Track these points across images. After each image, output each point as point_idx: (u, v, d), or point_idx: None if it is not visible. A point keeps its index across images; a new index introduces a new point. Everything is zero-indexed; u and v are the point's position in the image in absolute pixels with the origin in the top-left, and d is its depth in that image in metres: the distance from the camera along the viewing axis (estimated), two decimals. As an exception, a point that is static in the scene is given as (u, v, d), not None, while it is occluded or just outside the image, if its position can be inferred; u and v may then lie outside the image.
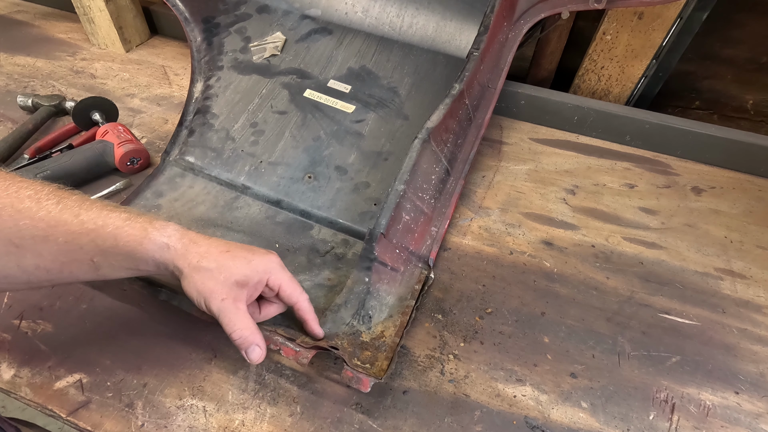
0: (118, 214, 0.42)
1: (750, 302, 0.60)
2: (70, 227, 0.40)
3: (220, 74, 0.77)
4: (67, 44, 1.00)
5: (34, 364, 0.52)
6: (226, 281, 0.43)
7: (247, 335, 0.44)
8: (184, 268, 0.43)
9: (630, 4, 0.68)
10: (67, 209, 0.40)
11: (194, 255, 0.43)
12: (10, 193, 0.38)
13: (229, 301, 0.43)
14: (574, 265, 0.64)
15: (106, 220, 0.41)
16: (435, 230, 0.63)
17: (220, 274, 0.43)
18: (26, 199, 0.39)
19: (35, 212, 0.39)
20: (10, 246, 0.38)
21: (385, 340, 0.52)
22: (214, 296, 0.43)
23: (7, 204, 0.38)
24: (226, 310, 0.43)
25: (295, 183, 0.69)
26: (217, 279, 0.43)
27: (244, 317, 0.44)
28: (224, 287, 0.43)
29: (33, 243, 0.39)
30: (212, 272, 0.43)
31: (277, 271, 0.47)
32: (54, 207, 0.40)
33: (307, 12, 0.82)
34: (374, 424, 0.49)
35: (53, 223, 0.39)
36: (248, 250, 0.46)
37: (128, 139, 0.71)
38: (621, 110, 0.80)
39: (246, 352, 0.44)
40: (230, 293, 0.43)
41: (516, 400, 0.51)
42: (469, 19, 0.76)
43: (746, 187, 0.75)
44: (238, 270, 0.44)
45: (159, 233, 0.43)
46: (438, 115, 0.61)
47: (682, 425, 0.50)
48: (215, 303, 0.43)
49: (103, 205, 0.43)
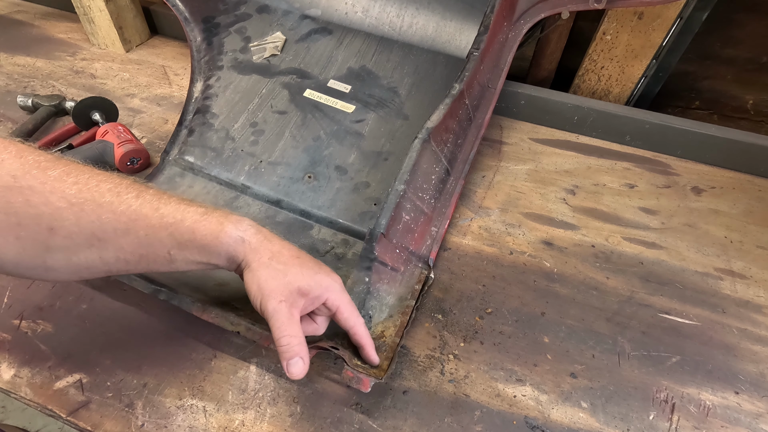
0: (195, 209, 0.43)
1: (750, 302, 0.60)
2: (150, 221, 0.40)
3: (220, 74, 0.77)
4: (67, 44, 0.99)
5: (34, 364, 0.52)
6: (289, 285, 0.43)
7: (295, 344, 0.42)
8: (252, 262, 0.43)
9: (630, 4, 0.68)
10: (146, 203, 0.41)
11: (266, 252, 0.44)
12: (90, 187, 0.39)
13: (285, 304, 0.42)
14: (574, 265, 0.64)
15: (185, 214, 0.42)
16: (435, 230, 0.63)
17: (286, 276, 0.43)
18: (107, 192, 0.39)
19: (117, 206, 0.39)
20: (93, 239, 0.39)
21: (385, 340, 0.52)
22: (273, 296, 0.42)
23: (88, 198, 0.38)
24: (280, 313, 0.42)
25: (295, 183, 0.69)
26: (281, 280, 0.43)
27: (296, 326, 0.43)
28: (285, 290, 0.43)
29: (115, 236, 0.39)
30: (279, 272, 0.43)
31: (339, 292, 0.46)
32: (134, 201, 0.40)
33: (307, 12, 0.82)
34: (374, 424, 0.49)
35: (134, 217, 0.40)
36: (317, 263, 0.46)
37: (128, 139, 0.71)
38: (621, 110, 0.80)
39: (288, 363, 0.42)
40: (289, 297, 0.43)
41: (516, 400, 0.51)
42: (469, 19, 0.76)
43: (746, 187, 0.75)
44: (304, 278, 0.44)
45: (235, 227, 0.43)
46: (438, 115, 0.61)
47: (682, 425, 0.50)
48: (272, 303, 0.42)
49: (180, 199, 0.43)
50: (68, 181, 0.38)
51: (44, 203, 0.37)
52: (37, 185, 0.37)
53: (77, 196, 0.38)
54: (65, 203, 0.37)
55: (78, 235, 0.38)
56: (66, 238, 0.38)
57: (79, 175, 0.39)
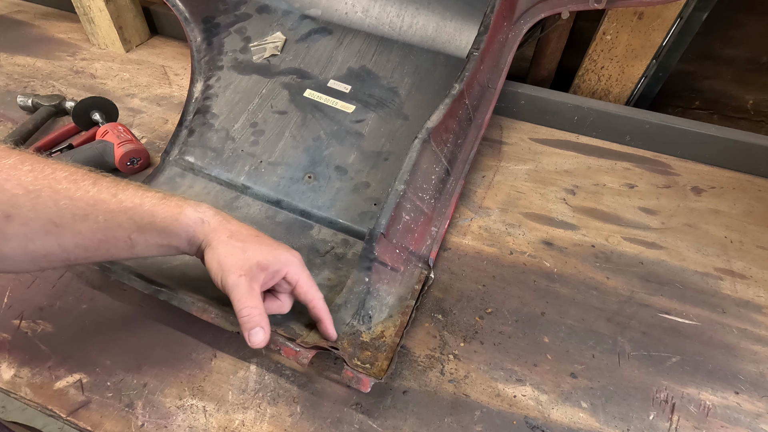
0: (154, 194, 0.44)
1: (750, 302, 0.60)
2: (108, 206, 0.41)
3: (220, 74, 0.77)
4: (67, 44, 0.99)
5: (34, 364, 0.52)
6: (248, 260, 0.44)
7: (255, 314, 0.44)
8: (212, 241, 0.44)
9: (630, 4, 0.68)
10: (104, 189, 0.41)
11: (225, 231, 0.45)
12: (46, 174, 0.39)
13: (245, 278, 0.44)
14: (574, 265, 0.64)
15: (143, 198, 0.43)
16: (435, 230, 0.63)
17: (245, 252, 0.44)
18: (63, 180, 0.40)
19: (73, 192, 0.40)
20: (50, 225, 0.39)
21: (385, 340, 0.52)
22: (233, 270, 0.44)
23: (45, 185, 0.39)
24: (240, 286, 0.44)
25: (295, 183, 0.69)
26: (240, 256, 0.44)
27: (256, 298, 0.44)
28: (245, 265, 0.44)
29: (73, 222, 0.40)
30: (238, 249, 0.44)
31: (298, 267, 0.48)
32: (91, 187, 0.41)
33: (307, 12, 0.82)
34: (374, 424, 0.49)
35: (92, 202, 0.40)
36: (276, 242, 0.48)
37: (128, 139, 0.71)
38: (621, 110, 0.80)
39: (249, 333, 0.44)
40: (249, 272, 0.44)
41: (516, 400, 0.51)
42: (469, 19, 0.76)
43: (746, 187, 0.75)
44: (262, 253, 0.45)
45: (193, 209, 0.45)
46: (438, 115, 0.61)
47: (682, 425, 0.50)
48: (232, 277, 0.43)
49: (138, 186, 0.44)
50: (23, 168, 0.38)
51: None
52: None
53: (33, 183, 0.38)
54: (21, 190, 0.38)
55: (35, 221, 0.38)
56: (23, 225, 0.38)
57: (35, 163, 0.39)
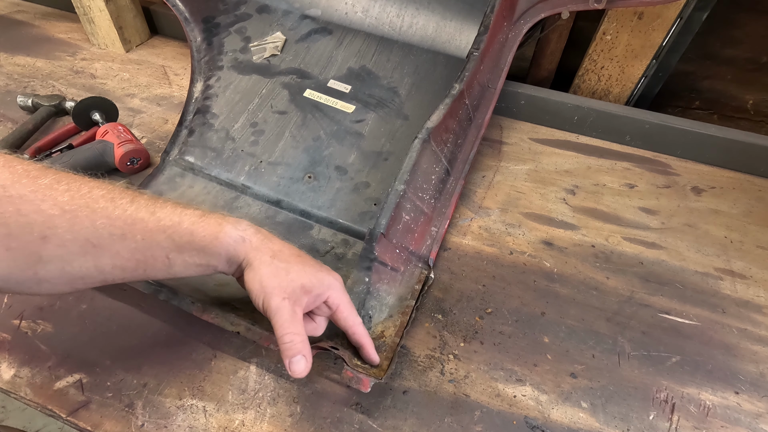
0: (192, 211, 0.42)
1: (750, 302, 0.60)
2: (147, 224, 0.40)
3: (220, 74, 0.77)
4: (67, 44, 0.99)
5: (34, 364, 0.52)
6: (292, 282, 0.43)
7: (297, 342, 0.42)
8: (254, 261, 0.43)
9: (630, 4, 0.68)
10: (142, 207, 0.40)
11: (268, 250, 0.43)
12: (83, 194, 0.38)
13: (289, 302, 0.42)
14: (574, 265, 0.64)
15: (182, 216, 0.41)
16: (435, 230, 0.63)
17: (288, 274, 0.43)
18: (100, 199, 0.38)
19: (111, 211, 0.38)
20: (88, 246, 0.38)
21: (385, 340, 0.52)
22: (276, 293, 0.42)
23: (82, 204, 0.37)
24: (283, 311, 0.42)
25: (295, 183, 0.69)
26: (284, 278, 0.42)
27: (299, 324, 0.42)
28: (288, 287, 0.42)
29: (111, 242, 0.38)
30: (281, 270, 0.43)
31: (340, 291, 0.46)
32: (129, 206, 0.39)
33: (307, 12, 0.82)
34: (374, 424, 0.49)
35: (130, 222, 0.39)
36: (318, 262, 0.46)
37: (128, 139, 0.71)
38: (621, 110, 0.80)
39: (291, 361, 0.42)
40: (293, 295, 0.42)
41: (516, 400, 0.51)
42: (469, 19, 0.76)
43: (746, 187, 0.75)
44: (306, 276, 0.43)
45: (234, 227, 0.43)
46: (438, 115, 0.61)
47: (682, 425, 0.50)
48: (275, 300, 0.42)
49: (176, 203, 0.43)
50: (59, 188, 0.37)
51: (36, 211, 0.36)
52: (27, 194, 0.36)
53: (70, 203, 0.37)
54: (58, 210, 0.36)
55: (72, 242, 0.37)
56: (59, 247, 0.37)
57: (71, 182, 0.38)
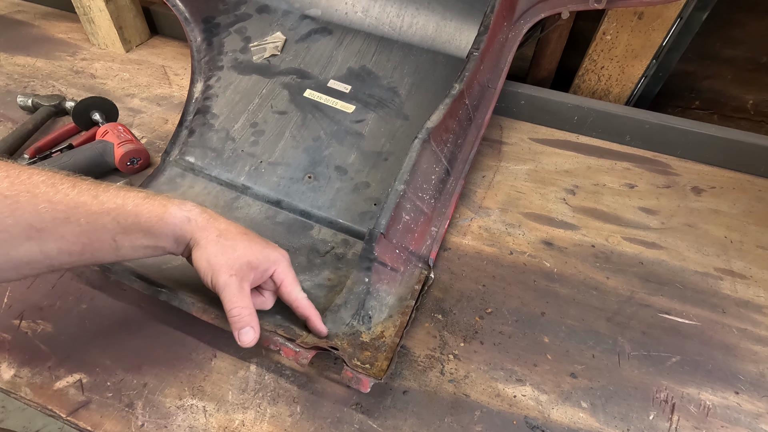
0: (136, 193, 0.43)
1: (750, 302, 0.60)
2: (90, 208, 0.40)
3: (220, 74, 0.77)
4: (67, 44, 0.99)
5: (34, 364, 0.52)
6: (239, 259, 0.44)
7: (245, 314, 0.44)
8: (200, 240, 0.44)
9: (630, 4, 0.68)
10: (84, 191, 0.41)
11: (214, 229, 0.45)
12: (23, 179, 0.38)
13: (236, 278, 0.44)
14: (574, 265, 0.64)
15: (125, 199, 0.42)
16: (435, 230, 0.63)
17: (235, 251, 0.44)
18: (41, 184, 0.39)
19: (53, 196, 0.39)
20: (32, 231, 0.38)
21: (385, 341, 0.52)
22: (224, 270, 0.43)
23: (22, 190, 0.38)
24: (231, 286, 0.43)
25: (295, 183, 0.69)
26: (231, 255, 0.44)
27: (247, 297, 0.44)
28: (235, 264, 0.44)
29: (54, 225, 0.39)
30: (228, 248, 0.44)
31: (285, 266, 0.48)
32: (71, 190, 0.40)
33: (307, 12, 0.82)
34: (374, 424, 0.49)
35: (73, 205, 0.39)
36: (264, 240, 0.48)
37: (128, 139, 0.71)
38: (621, 110, 0.80)
39: (239, 332, 0.44)
40: (239, 271, 0.44)
41: (516, 400, 0.51)
42: (469, 19, 0.76)
43: (746, 187, 0.75)
44: (252, 252, 0.45)
45: (179, 208, 0.44)
46: (438, 115, 0.61)
47: (682, 425, 0.50)
48: (223, 277, 0.43)
49: (119, 186, 0.43)
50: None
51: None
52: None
53: (10, 189, 0.37)
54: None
55: (14, 227, 0.37)
56: (3, 232, 0.37)
57: (9, 169, 0.39)
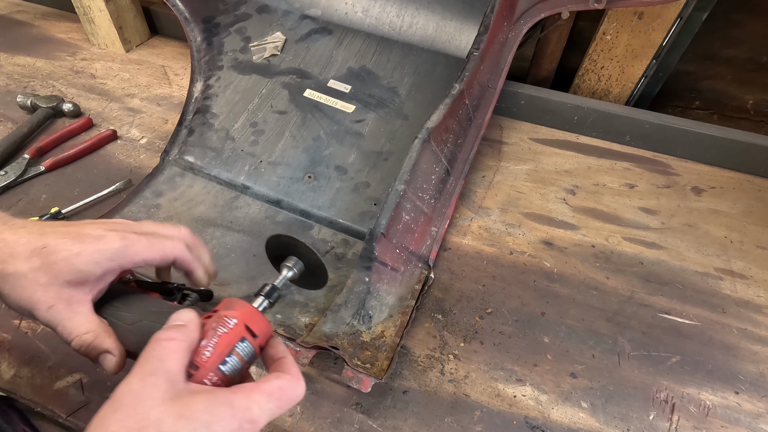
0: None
1: (750, 302, 0.60)
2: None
3: (220, 74, 0.77)
4: (67, 44, 0.99)
5: (34, 364, 0.52)
6: (52, 285, 0.33)
7: (89, 342, 0.34)
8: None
9: (630, 4, 0.68)
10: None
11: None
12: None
13: (59, 307, 0.34)
14: (574, 265, 0.64)
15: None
16: (435, 230, 0.63)
17: (40, 276, 0.33)
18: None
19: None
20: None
21: (386, 340, 0.52)
22: (39, 306, 0.33)
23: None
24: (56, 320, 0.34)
25: (295, 183, 0.69)
26: (37, 284, 0.33)
27: (82, 321, 0.34)
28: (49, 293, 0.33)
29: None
30: (27, 277, 0.33)
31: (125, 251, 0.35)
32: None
33: (307, 12, 0.82)
34: (374, 424, 0.49)
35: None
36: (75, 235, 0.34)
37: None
38: (621, 110, 0.80)
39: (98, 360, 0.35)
40: (59, 297, 0.34)
41: (516, 400, 0.51)
42: (469, 19, 0.76)
43: (746, 187, 0.75)
44: (66, 266, 0.33)
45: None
46: (438, 115, 0.61)
47: (682, 425, 0.50)
48: (41, 314, 0.33)
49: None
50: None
51: None
52: None
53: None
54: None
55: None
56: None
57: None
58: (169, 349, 0.29)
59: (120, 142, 0.78)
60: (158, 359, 0.29)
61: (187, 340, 0.30)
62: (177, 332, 0.30)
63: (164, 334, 0.30)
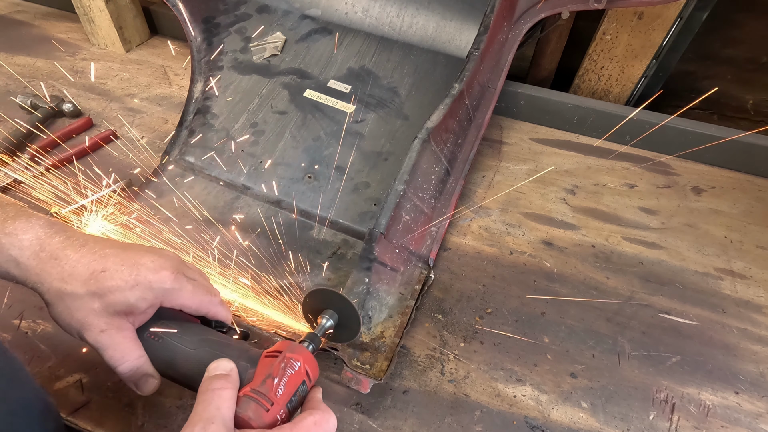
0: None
1: (750, 302, 0.60)
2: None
3: (220, 74, 0.77)
4: (67, 44, 0.99)
5: (34, 364, 0.52)
6: (104, 312, 0.36)
7: (137, 367, 0.37)
8: (44, 294, 0.35)
9: (630, 4, 0.68)
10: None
11: (55, 276, 0.35)
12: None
13: (110, 332, 0.36)
14: (574, 265, 0.64)
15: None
16: (435, 230, 0.63)
17: (94, 302, 0.35)
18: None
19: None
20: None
21: (385, 341, 0.52)
22: (91, 330, 0.36)
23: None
24: (106, 345, 0.36)
25: (296, 183, 0.69)
26: (90, 308, 0.35)
27: (132, 347, 0.37)
28: (101, 318, 0.36)
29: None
30: (83, 300, 0.35)
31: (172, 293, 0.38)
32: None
33: (307, 12, 0.82)
34: (374, 424, 0.49)
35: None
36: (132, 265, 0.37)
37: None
38: (621, 110, 0.80)
39: (137, 384, 0.38)
40: (111, 323, 0.36)
41: (516, 400, 0.51)
42: (469, 19, 0.76)
43: (746, 187, 0.75)
44: (120, 297, 0.36)
45: (10, 241, 0.34)
46: (438, 115, 0.61)
47: (682, 425, 0.49)
48: (92, 336, 0.36)
49: None
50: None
51: None
52: None
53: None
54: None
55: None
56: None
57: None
58: (223, 398, 0.33)
59: (120, 142, 0.78)
60: (215, 408, 0.32)
61: (234, 389, 0.34)
62: (226, 381, 0.34)
63: (215, 383, 0.33)
